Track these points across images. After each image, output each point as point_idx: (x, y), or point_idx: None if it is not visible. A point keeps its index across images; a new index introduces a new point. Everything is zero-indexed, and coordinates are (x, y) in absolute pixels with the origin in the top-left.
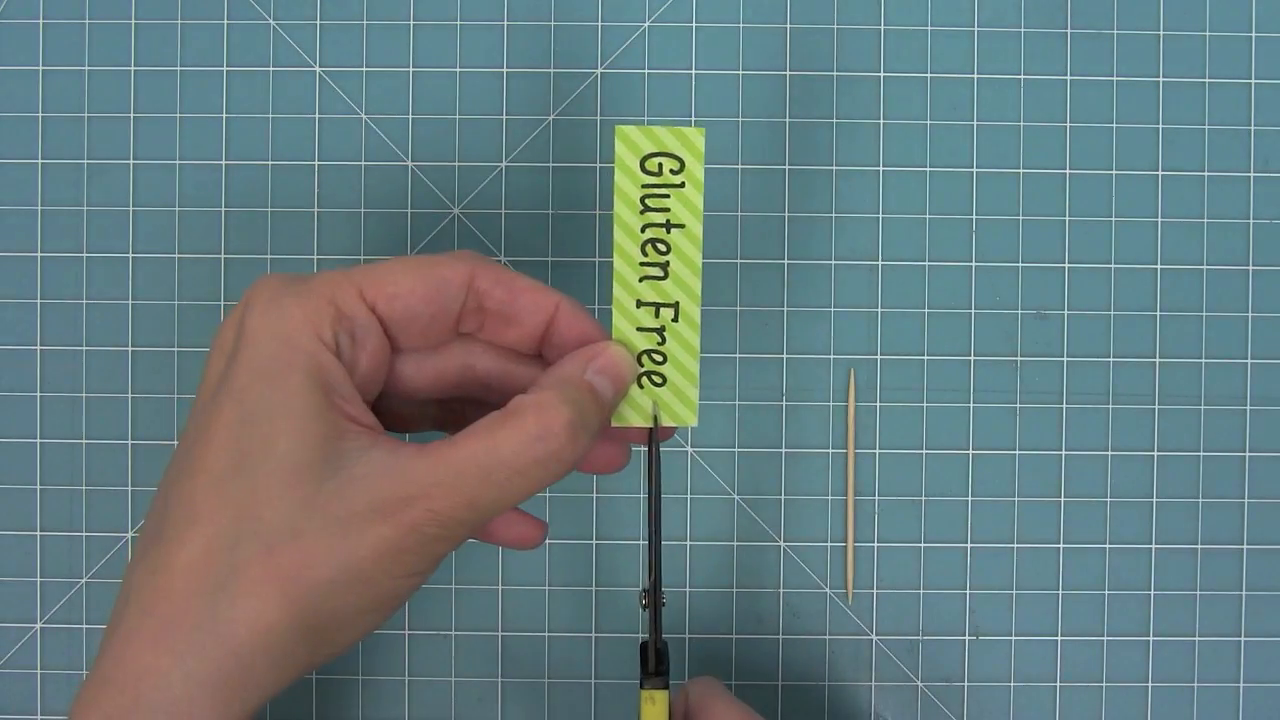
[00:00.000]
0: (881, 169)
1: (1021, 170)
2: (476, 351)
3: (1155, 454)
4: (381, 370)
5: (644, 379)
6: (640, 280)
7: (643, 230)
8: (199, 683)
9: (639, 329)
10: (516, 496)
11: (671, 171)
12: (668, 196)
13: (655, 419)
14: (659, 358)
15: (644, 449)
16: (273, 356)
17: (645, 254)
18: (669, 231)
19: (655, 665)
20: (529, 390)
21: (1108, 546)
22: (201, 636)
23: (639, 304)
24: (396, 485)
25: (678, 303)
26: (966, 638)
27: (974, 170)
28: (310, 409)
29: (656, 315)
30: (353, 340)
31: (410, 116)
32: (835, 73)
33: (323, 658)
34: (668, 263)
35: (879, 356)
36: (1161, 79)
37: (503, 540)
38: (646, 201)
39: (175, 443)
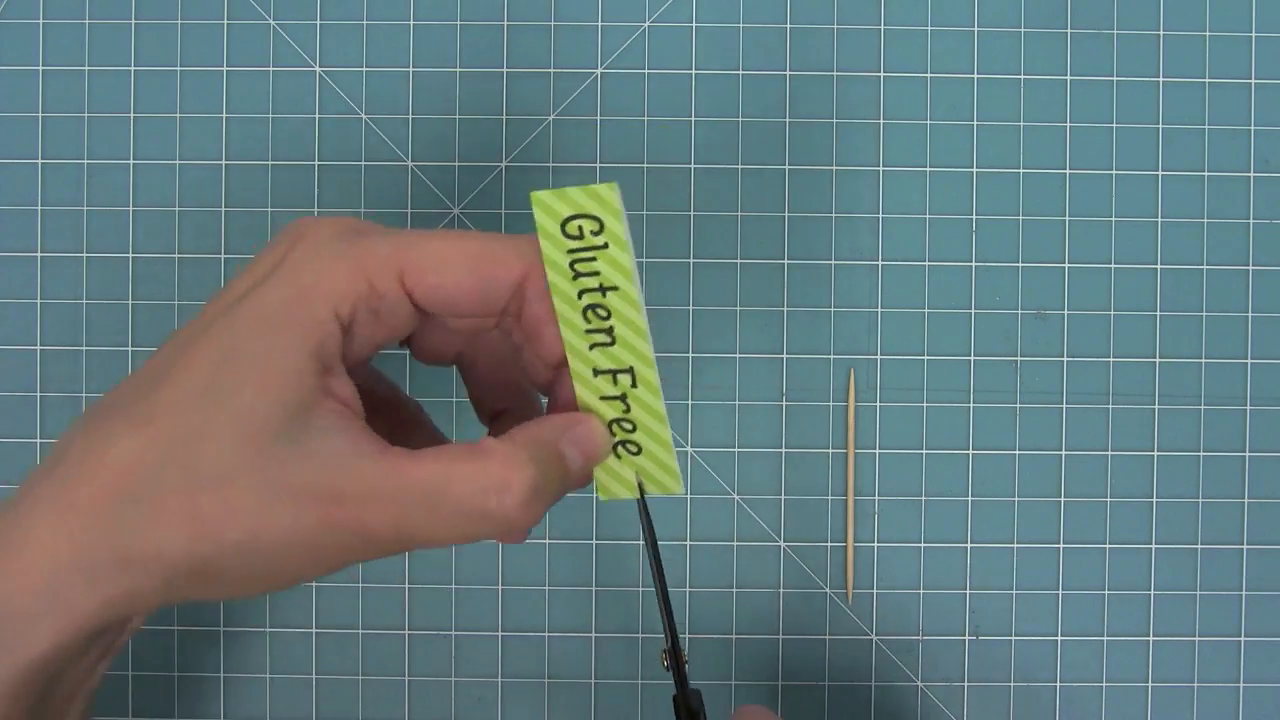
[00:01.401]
0: (881, 169)
1: (1021, 170)
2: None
3: (1155, 454)
4: (396, 338)
5: (619, 449)
6: (590, 348)
7: (579, 296)
8: (83, 572)
9: (602, 398)
10: (448, 538)
11: (592, 233)
12: (594, 259)
13: (641, 489)
14: (629, 426)
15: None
16: (284, 304)
17: (588, 320)
18: (605, 295)
19: None
20: (502, 438)
21: (1108, 546)
22: (99, 537)
23: (596, 372)
24: (336, 479)
25: (632, 368)
26: (966, 638)
27: (974, 170)
28: (292, 371)
29: (615, 382)
30: (375, 319)
31: (410, 116)
32: (835, 73)
33: (204, 596)
34: (612, 327)
35: (879, 356)
36: (1161, 79)
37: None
38: (576, 267)
39: None
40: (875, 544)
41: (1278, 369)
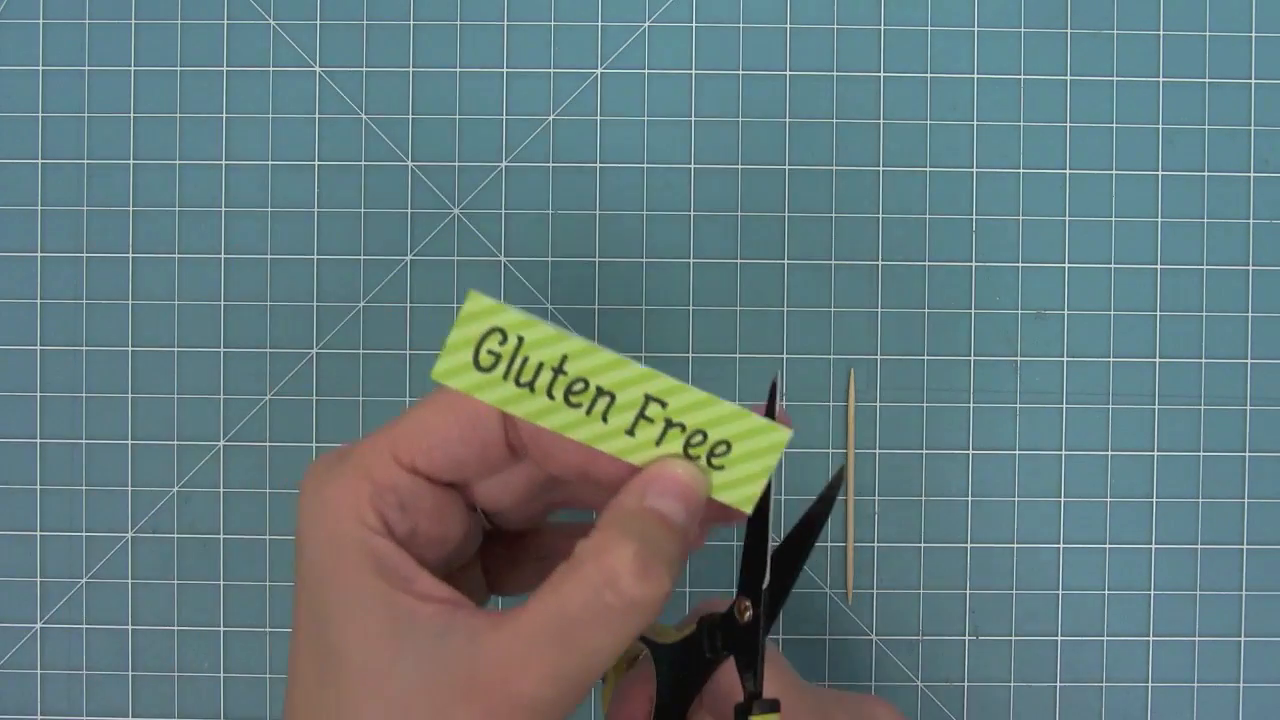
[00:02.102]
0: (881, 169)
1: (1021, 170)
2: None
3: (1155, 454)
4: (451, 520)
5: (711, 462)
6: (604, 420)
7: (551, 396)
8: None
9: (657, 443)
10: (603, 655)
11: (500, 344)
12: (526, 359)
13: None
14: (699, 437)
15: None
16: (325, 554)
17: (576, 403)
18: (565, 372)
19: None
20: (591, 531)
21: (1108, 546)
22: None
23: (629, 433)
24: (473, 671)
25: (646, 394)
26: (966, 638)
27: (974, 170)
28: (372, 603)
29: (651, 421)
30: (403, 510)
31: (410, 116)
32: (835, 73)
33: None
34: (599, 386)
35: (879, 356)
36: (1161, 79)
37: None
38: (522, 381)
39: (176, 443)
40: (875, 544)
41: (1278, 369)
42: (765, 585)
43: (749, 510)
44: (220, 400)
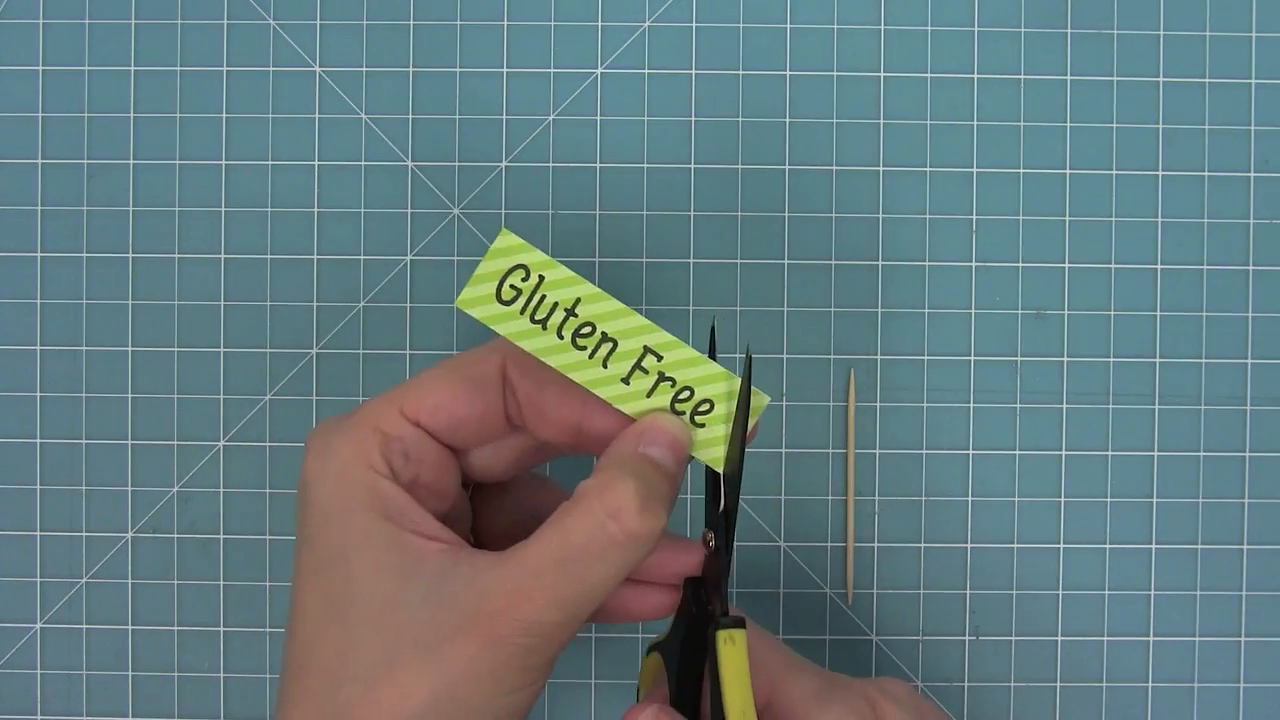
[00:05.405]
0: (881, 169)
1: (1021, 170)
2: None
3: (1155, 454)
4: (449, 479)
5: (695, 419)
6: (604, 366)
7: (560, 336)
8: None
9: (648, 395)
10: (601, 584)
11: (522, 280)
12: (544, 297)
13: (749, 362)
14: (686, 393)
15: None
16: (333, 498)
17: (582, 346)
18: (576, 315)
19: (724, 607)
20: (593, 473)
21: (1108, 546)
22: None
23: (624, 381)
24: (479, 599)
25: (645, 346)
26: (966, 638)
27: (974, 170)
28: (380, 541)
29: (645, 372)
30: (407, 459)
31: (410, 116)
32: (835, 73)
33: None
34: (604, 332)
35: (879, 356)
36: (1161, 79)
37: (636, 614)
38: (536, 318)
39: (176, 443)
40: (875, 544)
41: (1278, 369)
42: (721, 509)
43: (720, 470)
44: (220, 400)
